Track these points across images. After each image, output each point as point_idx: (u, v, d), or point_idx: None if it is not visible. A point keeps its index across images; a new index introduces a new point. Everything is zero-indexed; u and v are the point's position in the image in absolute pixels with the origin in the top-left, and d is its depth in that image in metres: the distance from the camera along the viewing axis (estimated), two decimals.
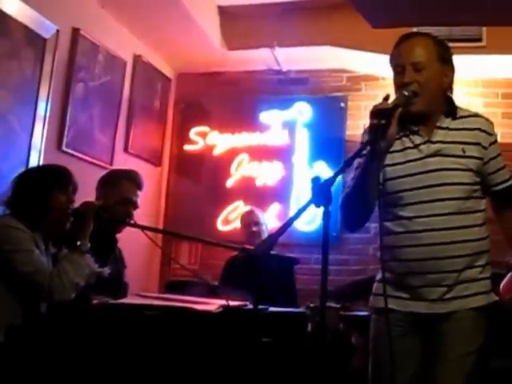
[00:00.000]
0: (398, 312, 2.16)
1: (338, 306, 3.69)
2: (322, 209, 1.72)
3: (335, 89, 5.30)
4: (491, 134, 2.21)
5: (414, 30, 4.52)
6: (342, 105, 5.22)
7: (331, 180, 1.76)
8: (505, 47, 4.51)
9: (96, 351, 2.22)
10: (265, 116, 5.38)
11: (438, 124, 2.19)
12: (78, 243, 2.59)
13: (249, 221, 4.48)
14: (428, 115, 2.18)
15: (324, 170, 5.01)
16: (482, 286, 2.16)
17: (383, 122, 1.94)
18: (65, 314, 2.45)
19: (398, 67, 2.18)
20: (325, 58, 5.14)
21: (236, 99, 5.50)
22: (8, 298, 2.45)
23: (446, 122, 2.19)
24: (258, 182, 5.31)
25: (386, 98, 2.01)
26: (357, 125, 5.12)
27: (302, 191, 5.14)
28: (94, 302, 2.42)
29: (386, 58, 4.74)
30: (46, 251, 2.67)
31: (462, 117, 2.22)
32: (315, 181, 1.73)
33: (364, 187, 2.12)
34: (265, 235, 4.38)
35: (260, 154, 5.34)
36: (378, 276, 2.28)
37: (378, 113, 1.97)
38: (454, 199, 2.12)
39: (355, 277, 4.53)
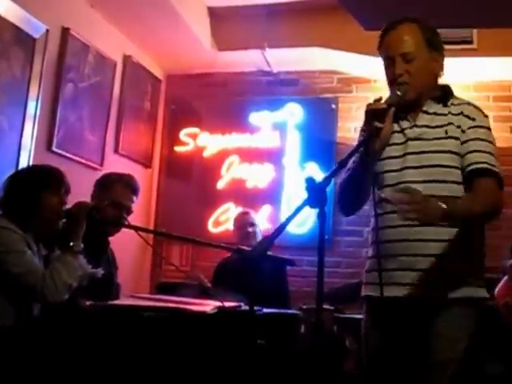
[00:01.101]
0: (377, 299, 2.11)
1: (331, 307, 3.69)
2: (314, 210, 1.69)
3: (326, 90, 5.32)
4: (473, 118, 2.14)
5: None
6: (333, 106, 5.24)
7: (326, 181, 1.73)
8: (496, 49, 4.52)
9: (90, 353, 2.21)
10: (255, 117, 5.38)
11: (424, 108, 2.18)
12: (71, 244, 2.58)
13: (244, 222, 4.46)
14: (418, 101, 2.17)
15: (316, 172, 5.03)
16: (462, 278, 2.06)
17: (378, 125, 1.96)
18: (58, 315, 2.44)
19: (388, 59, 2.17)
20: (315, 59, 5.16)
21: (226, 100, 5.50)
22: (1, 299, 2.44)
23: (435, 108, 2.18)
24: (249, 184, 5.30)
25: (379, 100, 2.02)
26: (348, 127, 5.15)
27: (293, 193, 5.13)
28: (87, 303, 2.41)
29: (378, 60, 4.73)
30: (38, 252, 2.65)
31: (453, 104, 2.20)
32: (309, 181, 1.70)
33: (358, 181, 2.13)
34: (259, 237, 4.37)
35: (250, 155, 5.34)
36: (367, 266, 2.25)
37: (372, 113, 1.98)
38: (430, 182, 2.08)
39: (347, 279, 4.53)
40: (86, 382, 2.18)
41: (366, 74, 5.09)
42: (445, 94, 2.21)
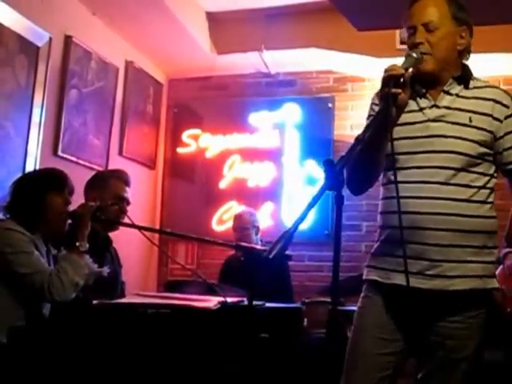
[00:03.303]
0: (381, 285, 2.07)
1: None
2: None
3: (322, 90, 5.38)
4: (508, 106, 2.05)
5: (397, 31, 4.62)
6: (330, 105, 5.30)
7: (343, 162, 1.66)
8: (488, 46, 4.56)
9: (98, 350, 2.25)
10: (254, 118, 5.45)
11: (445, 88, 2.07)
12: (77, 244, 2.62)
13: (236, 226, 4.55)
14: (439, 77, 2.07)
15: (315, 169, 5.14)
16: (472, 270, 1.99)
17: (395, 91, 1.87)
18: (67, 315, 2.49)
19: (410, 29, 2.06)
20: (311, 59, 5.21)
21: (226, 102, 5.58)
22: (10, 300, 2.49)
23: (457, 89, 2.07)
24: (251, 183, 5.37)
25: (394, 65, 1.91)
26: (344, 125, 5.22)
27: (292, 190, 5.22)
28: (95, 302, 2.43)
29: (371, 59, 4.80)
30: (47, 253, 2.71)
31: (476, 87, 2.08)
32: (327, 164, 1.61)
33: (372, 152, 2.00)
34: (253, 237, 4.44)
35: (251, 155, 5.41)
36: (373, 248, 2.17)
37: (389, 79, 1.87)
38: (447, 168, 2.00)
39: (348, 273, 4.61)
40: (94, 379, 2.21)
41: (360, 73, 5.17)
42: (465, 75, 2.10)
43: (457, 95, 2.06)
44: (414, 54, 1.98)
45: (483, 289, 2.03)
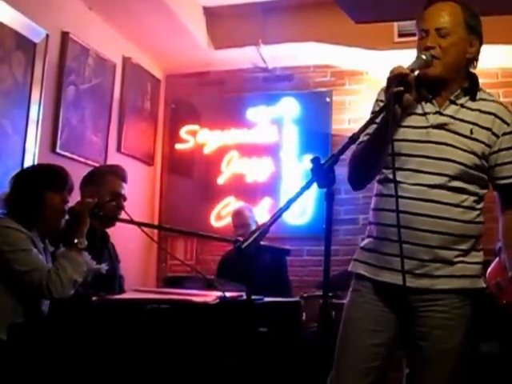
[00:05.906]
0: (369, 280, 2.11)
1: (329, 294, 3.75)
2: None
3: (320, 84, 5.40)
4: (508, 123, 2.09)
5: (395, 24, 4.61)
6: (328, 99, 5.31)
7: (335, 158, 1.66)
8: (486, 37, 4.56)
9: (98, 347, 2.25)
10: (252, 113, 5.46)
11: (452, 97, 2.10)
12: (75, 241, 2.62)
13: (237, 222, 4.55)
14: (445, 83, 2.09)
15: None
16: (459, 270, 2.06)
17: (399, 89, 1.89)
18: (66, 311, 2.48)
19: (423, 31, 2.08)
20: (309, 54, 5.23)
21: (224, 97, 5.59)
22: (9, 298, 2.49)
23: (463, 100, 2.10)
24: (249, 179, 5.39)
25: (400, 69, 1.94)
26: (342, 119, 5.23)
27: (291, 185, 5.21)
28: (94, 298, 2.44)
29: (369, 52, 4.80)
30: (45, 250, 2.71)
31: (481, 99, 2.12)
32: (315, 161, 1.64)
33: (374, 149, 2.05)
34: None
35: (249, 150, 5.42)
36: (363, 243, 2.21)
37: (394, 78, 1.91)
38: (441, 175, 2.04)
39: (345, 267, 4.62)
40: (94, 375, 2.21)
41: (357, 66, 5.17)
42: (473, 86, 2.12)
43: (462, 106, 2.10)
44: (424, 56, 2.02)
45: (471, 288, 2.08)
